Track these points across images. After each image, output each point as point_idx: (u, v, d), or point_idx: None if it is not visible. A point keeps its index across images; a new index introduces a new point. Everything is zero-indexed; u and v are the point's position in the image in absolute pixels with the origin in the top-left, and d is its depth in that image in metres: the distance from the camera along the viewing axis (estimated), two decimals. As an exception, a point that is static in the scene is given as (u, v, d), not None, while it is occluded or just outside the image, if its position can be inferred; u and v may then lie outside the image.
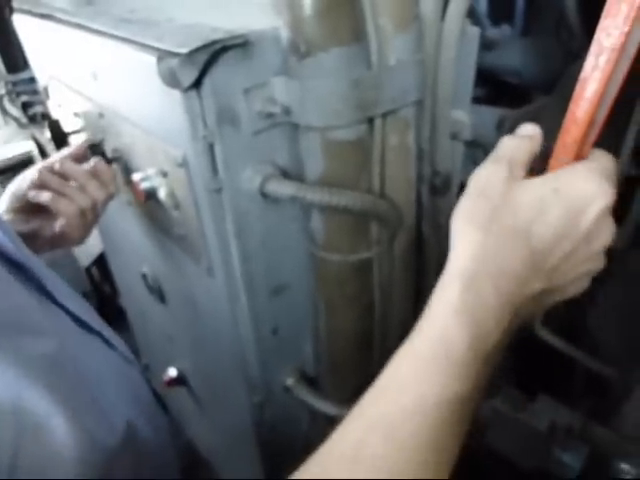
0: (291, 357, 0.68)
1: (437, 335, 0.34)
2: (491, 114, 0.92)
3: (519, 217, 0.35)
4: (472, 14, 1.05)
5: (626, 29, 0.33)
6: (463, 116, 0.57)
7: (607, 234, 0.35)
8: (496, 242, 0.35)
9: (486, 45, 1.11)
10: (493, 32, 1.13)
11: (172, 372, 0.97)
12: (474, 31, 0.56)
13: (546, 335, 0.68)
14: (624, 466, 0.51)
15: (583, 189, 0.34)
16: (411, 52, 0.49)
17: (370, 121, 0.49)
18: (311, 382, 0.69)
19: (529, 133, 0.40)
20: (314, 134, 0.49)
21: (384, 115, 0.50)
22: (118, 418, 0.51)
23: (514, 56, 1.09)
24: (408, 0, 0.48)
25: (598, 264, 0.36)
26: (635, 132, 0.66)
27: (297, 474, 0.34)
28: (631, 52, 0.35)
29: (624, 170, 0.69)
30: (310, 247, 0.57)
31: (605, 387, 0.64)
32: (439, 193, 0.60)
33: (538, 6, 1.10)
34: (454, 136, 0.58)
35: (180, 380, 0.97)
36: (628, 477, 0.49)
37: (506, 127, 0.82)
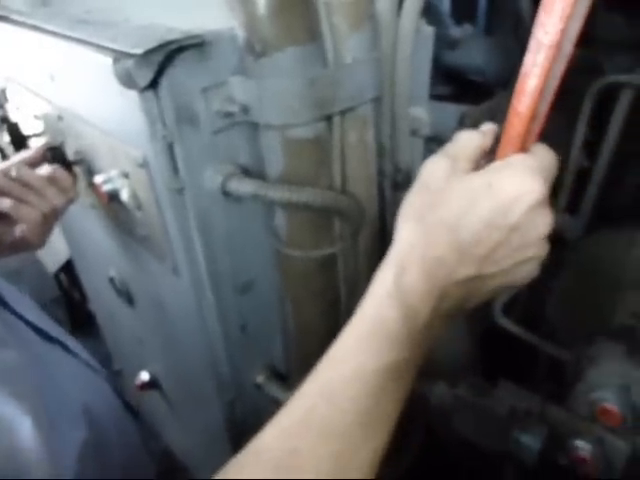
0: (261, 354, 0.68)
1: (374, 314, 0.38)
2: (453, 110, 0.94)
3: (451, 209, 0.37)
4: (434, 13, 1.07)
5: (561, 26, 0.35)
6: (422, 113, 0.59)
7: (542, 225, 0.37)
8: (427, 232, 0.38)
9: (449, 44, 1.13)
10: (456, 31, 1.16)
11: (144, 376, 0.96)
12: (429, 30, 0.57)
13: (506, 323, 0.70)
14: (579, 443, 0.53)
15: (514, 184, 0.36)
16: (367, 50, 0.50)
17: (329, 119, 0.50)
18: (281, 378, 0.70)
19: (484, 129, 0.42)
20: (273, 132, 0.49)
21: (342, 113, 0.51)
22: (80, 424, 0.51)
23: (477, 54, 1.11)
24: (362, -1, 0.49)
25: (539, 252, 0.38)
26: (585, 125, 0.69)
27: (257, 438, 0.37)
28: (568, 48, 0.37)
29: (576, 162, 0.72)
30: (274, 244, 0.57)
31: (564, 371, 0.66)
32: (401, 188, 0.61)
33: (498, 5, 1.13)
34: (414, 132, 0.59)
35: (152, 384, 0.96)
36: (583, 454, 0.51)
37: (467, 123, 0.84)
